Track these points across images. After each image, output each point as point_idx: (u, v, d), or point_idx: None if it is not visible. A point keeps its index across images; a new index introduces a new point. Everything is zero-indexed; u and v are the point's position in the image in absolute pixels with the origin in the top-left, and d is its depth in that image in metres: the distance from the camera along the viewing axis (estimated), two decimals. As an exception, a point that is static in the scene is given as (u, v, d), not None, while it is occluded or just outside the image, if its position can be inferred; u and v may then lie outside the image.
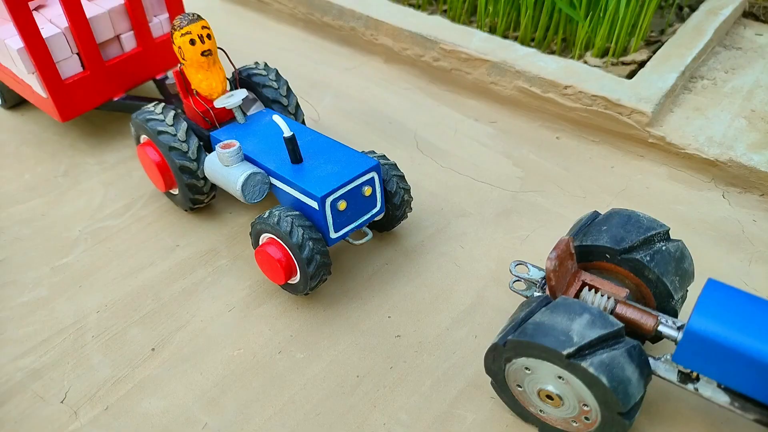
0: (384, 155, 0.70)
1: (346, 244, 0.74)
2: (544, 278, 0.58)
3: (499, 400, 0.57)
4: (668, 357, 0.50)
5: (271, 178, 0.66)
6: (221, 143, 0.65)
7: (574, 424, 0.52)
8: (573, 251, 0.54)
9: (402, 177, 0.69)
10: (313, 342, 0.64)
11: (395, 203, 0.68)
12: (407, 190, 0.70)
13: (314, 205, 0.62)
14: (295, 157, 0.65)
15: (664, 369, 0.51)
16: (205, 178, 0.72)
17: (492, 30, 1.04)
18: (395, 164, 0.69)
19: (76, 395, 0.60)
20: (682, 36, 0.95)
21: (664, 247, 0.54)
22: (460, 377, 0.60)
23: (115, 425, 0.58)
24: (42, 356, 0.64)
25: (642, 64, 0.92)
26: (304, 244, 0.60)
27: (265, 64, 0.79)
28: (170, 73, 0.93)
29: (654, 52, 0.94)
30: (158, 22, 0.89)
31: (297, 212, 0.62)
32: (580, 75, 0.88)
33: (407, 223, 0.76)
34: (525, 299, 0.58)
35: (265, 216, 0.63)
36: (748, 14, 1.05)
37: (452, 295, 0.68)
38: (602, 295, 0.53)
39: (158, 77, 0.92)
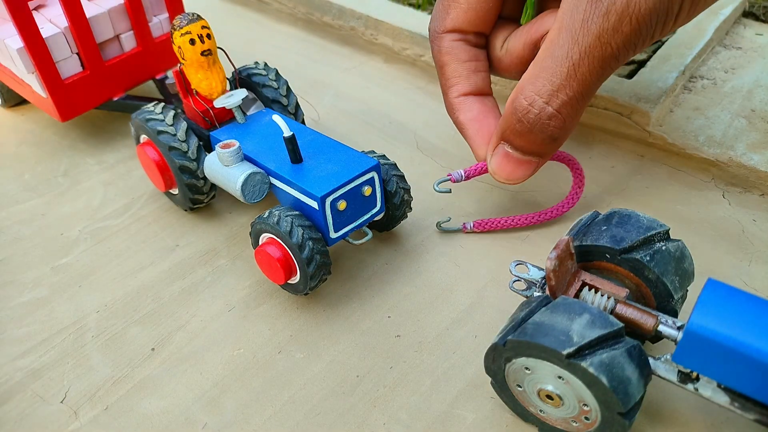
0: (384, 155, 0.70)
1: (346, 244, 0.74)
2: (544, 278, 0.58)
3: (499, 400, 0.57)
4: (668, 357, 0.50)
5: (270, 177, 0.66)
6: (221, 143, 0.65)
7: (574, 424, 0.52)
8: (573, 251, 0.54)
9: (402, 177, 0.69)
10: (313, 342, 0.64)
11: (395, 203, 0.68)
12: (407, 190, 0.70)
13: (314, 204, 0.62)
14: (295, 157, 0.65)
15: (664, 369, 0.50)
16: (204, 178, 0.72)
17: (492, 30, 1.03)
18: (395, 164, 0.69)
19: (76, 395, 0.60)
20: (682, 36, 0.95)
21: (664, 247, 0.54)
22: (460, 377, 0.60)
23: (115, 425, 0.58)
24: (42, 356, 0.64)
25: (642, 64, 0.92)
26: (304, 244, 0.60)
27: (265, 64, 0.79)
28: (170, 73, 0.93)
29: (654, 52, 0.94)
30: (158, 22, 0.89)
31: (297, 212, 0.62)
32: (580, 75, 0.88)
33: (407, 223, 0.76)
34: (525, 299, 0.58)
35: (264, 216, 0.63)
36: (748, 14, 1.05)
37: (452, 295, 0.68)
38: (602, 295, 0.53)
39: (158, 77, 0.92)
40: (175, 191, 0.76)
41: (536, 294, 0.57)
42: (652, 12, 0.54)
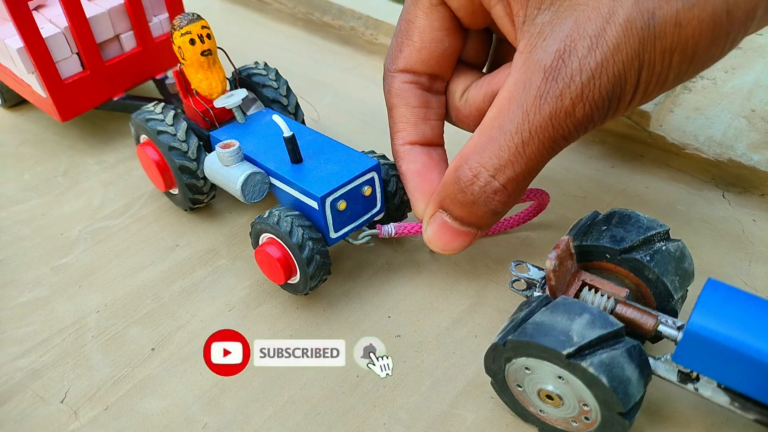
0: (384, 155, 0.70)
1: (347, 244, 0.74)
2: (544, 278, 0.58)
3: (499, 400, 0.57)
4: (668, 357, 0.50)
5: (270, 177, 0.66)
6: (221, 143, 0.65)
7: (574, 424, 0.52)
8: (573, 251, 0.54)
9: (402, 177, 0.69)
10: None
11: (395, 203, 0.68)
12: (407, 190, 0.70)
13: (314, 205, 0.62)
14: (295, 157, 0.65)
15: (664, 369, 0.50)
16: (204, 178, 0.72)
17: (492, 30, 1.03)
18: (395, 164, 0.69)
19: (76, 395, 0.60)
20: (682, 36, 0.95)
21: (664, 247, 0.54)
22: (460, 377, 0.60)
23: (115, 425, 0.58)
24: (42, 356, 0.63)
25: (642, 64, 0.92)
26: (304, 244, 0.60)
27: (265, 64, 0.79)
28: (170, 73, 0.93)
29: (654, 52, 0.94)
30: (158, 22, 0.89)
31: (297, 212, 0.62)
32: (580, 75, 0.87)
33: (407, 223, 0.76)
34: (525, 299, 0.58)
35: (264, 216, 0.63)
36: (748, 14, 1.05)
37: (452, 295, 0.68)
38: (602, 295, 0.53)
39: (158, 77, 0.92)
40: (175, 191, 0.76)
41: (536, 294, 0.57)
42: (605, 98, 0.52)
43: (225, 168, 0.66)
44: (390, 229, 0.66)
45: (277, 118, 0.64)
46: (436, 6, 0.60)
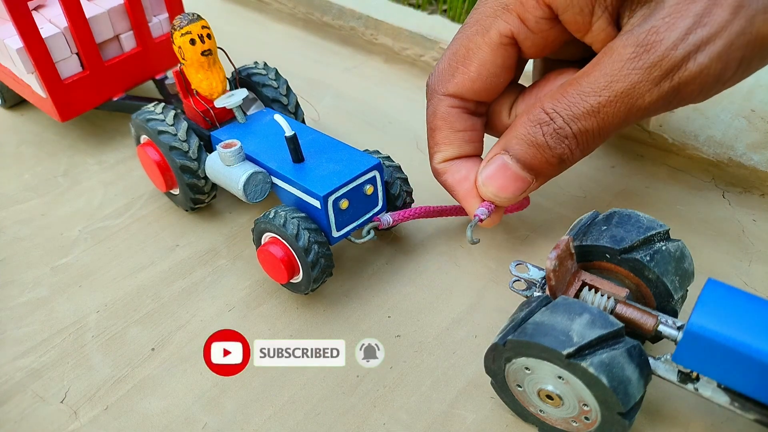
0: (389, 156, 0.70)
1: (347, 244, 0.74)
2: (544, 278, 0.58)
3: (499, 400, 0.57)
4: (668, 357, 0.50)
5: (272, 177, 0.66)
6: (223, 143, 0.65)
7: (574, 424, 0.52)
8: (573, 251, 0.54)
9: (405, 180, 0.69)
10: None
11: (397, 206, 0.68)
12: (409, 193, 0.70)
13: (316, 204, 0.62)
14: (297, 156, 0.65)
15: (664, 369, 0.51)
16: (206, 178, 0.72)
17: (492, 30, 1.03)
18: (399, 166, 0.70)
19: (76, 395, 0.60)
20: (682, 36, 0.95)
21: (664, 247, 0.54)
22: (460, 377, 0.60)
23: (115, 425, 0.58)
24: (42, 356, 0.63)
25: (642, 64, 0.92)
26: (310, 248, 0.60)
27: (265, 64, 0.79)
28: (170, 73, 0.93)
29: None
30: (158, 22, 0.89)
31: (303, 214, 0.62)
32: (580, 75, 0.88)
33: (408, 223, 0.76)
34: (525, 299, 0.58)
35: (270, 216, 0.63)
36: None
37: (452, 295, 0.68)
38: (602, 295, 0.53)
39: (158, 77, 0.92)
40: (176, 191, 0.76)
41: (536, 294, 0.57)
42: (697, 77, 0.49)
43: (227, 168, 0.66)
44: (388, 218, 0.67)
45: (278, 118, 0.64)
46: (505, 45, 0.59)
